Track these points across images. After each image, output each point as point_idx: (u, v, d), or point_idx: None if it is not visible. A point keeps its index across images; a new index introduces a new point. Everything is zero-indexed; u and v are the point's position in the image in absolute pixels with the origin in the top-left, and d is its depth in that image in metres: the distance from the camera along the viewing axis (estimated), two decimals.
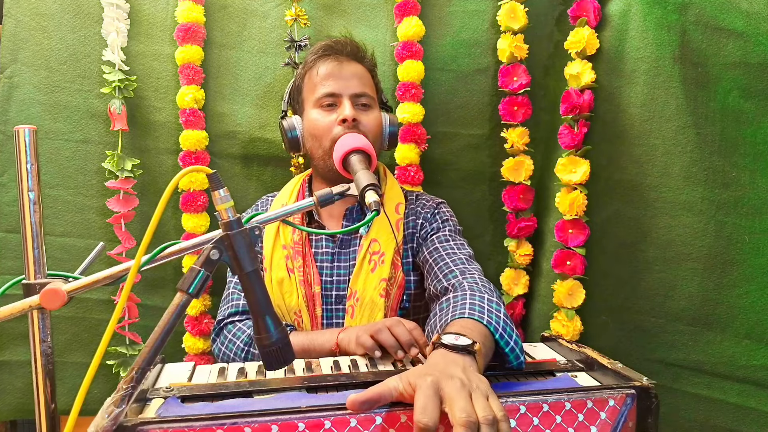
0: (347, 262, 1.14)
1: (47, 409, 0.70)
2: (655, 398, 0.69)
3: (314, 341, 1.02)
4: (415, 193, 1.25)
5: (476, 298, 0.88)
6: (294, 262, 1.12)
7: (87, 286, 0.66)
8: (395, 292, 1.10)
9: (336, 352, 0.99)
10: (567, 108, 1.33)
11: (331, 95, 1.12)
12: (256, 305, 0.66)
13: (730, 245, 1.22)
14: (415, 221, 1.17)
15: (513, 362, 0.81)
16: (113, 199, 1.38)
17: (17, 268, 1.37)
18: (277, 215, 0.74)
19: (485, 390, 0.62)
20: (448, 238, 1.13)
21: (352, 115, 1.08)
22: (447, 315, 0.86)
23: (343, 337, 0.98)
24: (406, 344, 0.88)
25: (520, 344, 0.82)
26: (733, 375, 1.23)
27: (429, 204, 1.20)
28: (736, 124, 1.21)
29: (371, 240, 1.11)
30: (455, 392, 0.59)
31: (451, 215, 1.21)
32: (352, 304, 1.09)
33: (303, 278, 1.10)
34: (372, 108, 1.15)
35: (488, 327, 0.80)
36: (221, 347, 1.10)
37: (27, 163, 0.69)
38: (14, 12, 1.38)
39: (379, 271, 1.08)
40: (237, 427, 0.60)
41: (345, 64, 1.14)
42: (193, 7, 1.38)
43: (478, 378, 0.64)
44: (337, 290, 1.12)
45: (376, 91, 1.20)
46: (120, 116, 1.37)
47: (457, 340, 0.71)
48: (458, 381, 0.61)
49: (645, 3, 1.27)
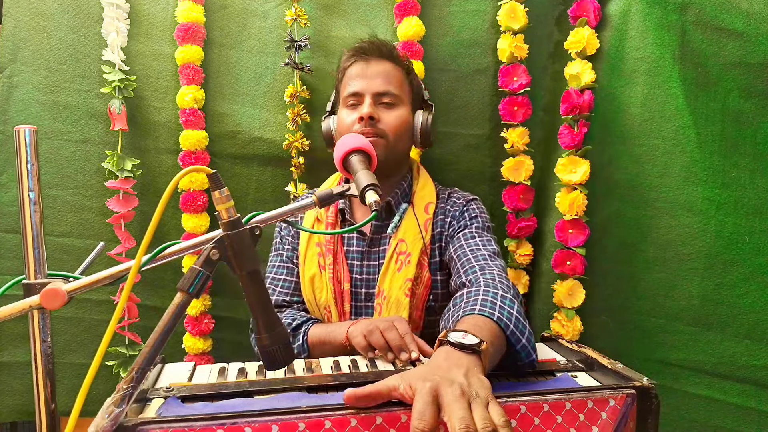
0: (376, 261, 1.15)
1: (47, 410, 0.70)
2: (655, 398, 0.69)
3: (330, 333, 1.05)
4: (448, 191, 1.24)
5: (489, 294, 0.87)
6: (326, 259, 1.14)
7: (87, 286, 0.66)
8: (421, 291, 1.11)
9: (347, 345, 1.00)
10: (567, 108, 1.33)
11: (355, 94, 1.14)
12: (256, 305, 0.65)
13: (730, 245, 1.23)
14: (444, 220, 1.17)
15: (525, 360, 0.80)
16: (113, 199, 1.38)
17: (17, 268, 1.37)
18: (278, 215, 0.74)
19: (486, 397, 0.61)
20: (474, 234, 1.12)
21: (369, 113, 1.10)
22: (458, 311, 0.86)
23: (352, 330, 1.00)
24: (396, 349, 0.89)
25: (533, 342, 0.82)
26: (733, 375, 1.23)
27: (459, 201, 1.20)
28: (736, 124, 1.21)
29: (399, 240, 1.12)
30: (454, 400, 0.59)
31: (482, 211, 1.20)
32: (380, 302, 1.10)
33: (333, 275, 1.13)
34: (397, 106, 1.15)
35: (498, 324, 0.79)
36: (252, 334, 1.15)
37: (27, 163, 0.69)
38: (14, 12, 1.38)
39: (405, 271, 1.10)
40: (237, 427, 0.60)
41: (372, 64, 1.15)
42: (193, 7, 1.38)
43: (480, 383, 0.63)
44: (366, 288, 1.14)
45: (410, 89, 1.20)
46: (120, 116, 1.37)
47: (463, 338, 0.70)
48: (458, 387, 0.60)
49: (645, 3, 1.27)
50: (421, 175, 1.23)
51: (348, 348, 1.00)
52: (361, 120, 1.11)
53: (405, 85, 1.19)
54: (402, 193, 1.18)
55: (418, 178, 1.22)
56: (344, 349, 1.01)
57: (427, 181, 1.22)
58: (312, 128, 1.44)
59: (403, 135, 1.16)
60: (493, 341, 0.75)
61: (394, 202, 1.17)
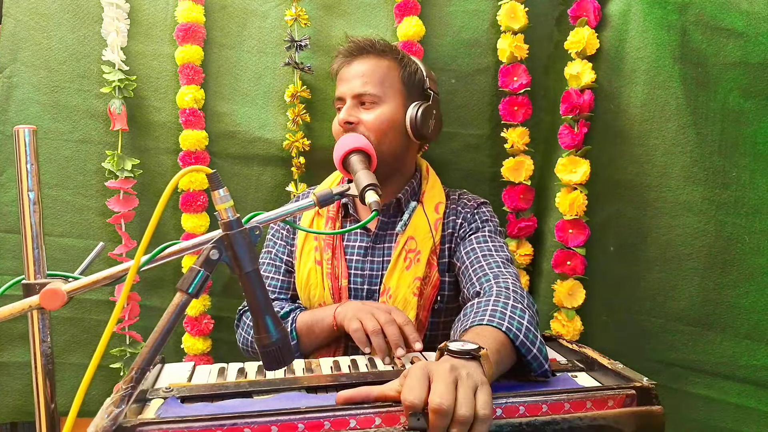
0: (381, 257, 1.13)
1: (47, 410, 0.70)
2: (655, 398, 0.69)
3: (316, 316, 1.06)
4: (458, 192, 1.22)
5: (499, 304, 0.86)
6: (323, 254, 1.13)
7: (87, 287, 0.66)
8: (429, 291, 1.09)
9: (334, 326, 1.00)
10: (567, 108, 1.33)
11: (339, 99, 1.13)
12: (255, 305, 0.65)
13: (730, 245, 1.22)
14: (455, 221, 1.15)
15: (537, 370, 0.79)
16: (113, 199, 1.38)
17: (17, 268, 1.37)
18: (277, 215, 0.74)
19: (477, 381, 0.61)
20: (487, 239, 1.10)
21: (344, 119, 1.08)
22: (467, 321, 0.85)
23: (340, 311, 0.99)
24: (394, 345, 0.90)
25: (545, 352, 0.80)
26: (733, 375, 1.23)
27: (470, 203, 1.18)
28: (737, 123, 1.21)
29: (408, 237, 1.10)
30: (439, 374, 0.59)
31: (492, 216, 1.18)
32: (385, 300, 1.08)
33: (331, 271, 1.11)
34: (378, 105, 1.09)
35: (507, 334, 0.78)
36: (242, 332, 1.17)
37: (26, 163, 0.69)
38: (14, 12, 1.38)
39: (414, 270, 1.08)
40: (236, 428, 0.60)
41: (353, 64, 1.12)
42: (192, 7, 1.38)
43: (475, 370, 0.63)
44: (369, 285, 1.12)
45: (401, 83, 1.12)
46: (120, 116, 1.37)
47: (463, 345, 0.70)
48: (448, 365, 0.61)
49: (645, 3, 1.27)
50: (431, 175, 1.21)
51: (335, 330, 1.00)
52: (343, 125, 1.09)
53: (391, 79, 1.11)
54: (411, 192, 1.17)
55: (427, 177, 1.20)
56: (332, 332, 1.01)
57: (436, 182, 1.20)
58: (312, 128, 1.44)
59: (388, 133, 1.09)
60: (498, 350, 0.74)
61: (403, 200, 1.14)
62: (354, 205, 1.18)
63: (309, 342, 1.06)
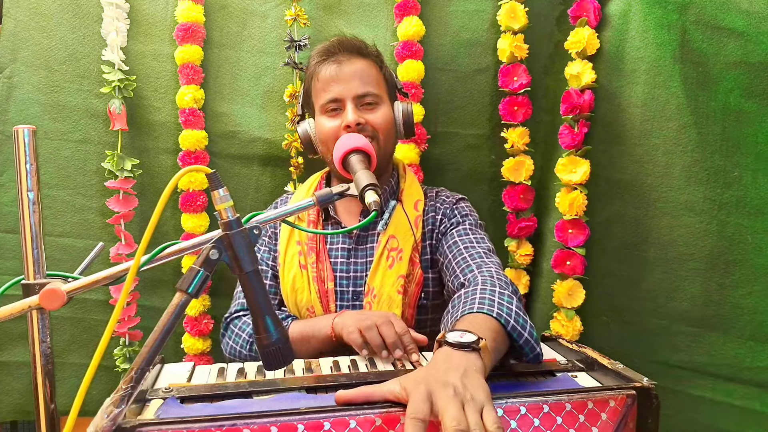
0: (364, 258, 1.12)
1: (47, 410, 0.70)
2: (655, 399, 0.69)
3: (312, 327, 1.03)
4: (435, 190, 1.22)
5: (487, 291, 0.87)
6: (308, 258, 1.12)
7: (86, 287, 0.66)
8: (413, 289, 1.09)
9: (332, 337, 0.99)
10: (567, 108, 1.32)
11: (335, 101, 1.09)
12: (255, 305, 0.65)
13: (732, 245, 1.22)
14: (435, 217, 1.16)
15: (529, 354, 0.80)
16: (113, 199, 1.38)
17: (16, 269, 1.37)
18: (277, 215, 0.74)
19: (481, 401, 0.60)
20: (467, 231, 1.11)
21: (355, 120, 1.06)
22: (457, 311, 0.85)
23: (338, 321, 0.98)
24: (391, 345, 0.89)
25: (536, 336, 0.81)
26: (737, 377, 1.22)
27: (449, 200, 1.19)
28: (738, 123, 1.21)
29: (389, 236, 1.10)
30: (447, 401, 0.59)
31: (471, 210, 1.19)
32: (369, 300, 1.08)
33: (316, 274, 1.10)
34: (379, 104, 1.10)
35: (498, 320, 0.79)
36: (229, 341, 1.13)
37: (26, 163, 0.69)
38: (14, 12, 1.38)
39: (397, 268, 1.08)
40: (236, 429, 0.60)
41: (345, 65, 1.10)
42: (192, 7, 1.38)
43: (475, 386, 0.62)
44: (354, 286, 1.11)
45: (385, 82, 1.15)
46: (119, 116, 1.37)
47: (461, 337, 0.70)
48: (451, 389, 0.60)
49: (645, 3, 1.27)
50: (408, 174, 1.21)
51: (334, 341, 0.99)
52: (348, 128, 1.06)
53: (380, 80, 1.13)
54: (390, 191, 1.17)
55: (404, 176, 1.20)
56: (330, 342, 0.99)
57: (413, 180, 1.20)
58: None
59: (391, 132, 1.13)
60: (494, 338, 0.75)
61: (382, 199, 1.13)
62: (334, 208, 1.17)
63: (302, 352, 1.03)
